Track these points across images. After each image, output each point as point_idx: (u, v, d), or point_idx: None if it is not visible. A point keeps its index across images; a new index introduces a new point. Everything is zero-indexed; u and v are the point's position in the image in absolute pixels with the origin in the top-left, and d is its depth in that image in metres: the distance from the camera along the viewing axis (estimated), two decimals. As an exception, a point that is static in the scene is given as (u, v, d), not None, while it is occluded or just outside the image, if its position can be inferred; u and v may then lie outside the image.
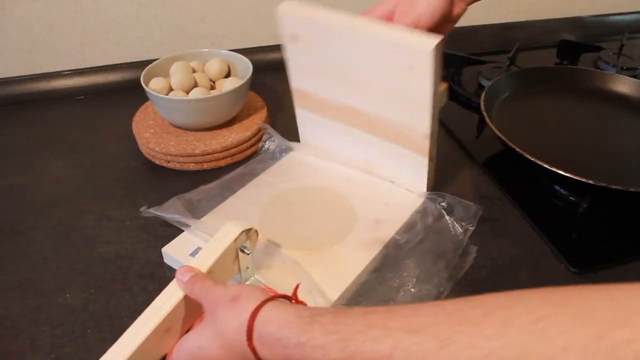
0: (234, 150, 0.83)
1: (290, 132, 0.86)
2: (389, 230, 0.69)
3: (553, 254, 0.70)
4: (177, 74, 0.85)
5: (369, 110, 0.72)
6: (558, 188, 0.78)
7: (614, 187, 0.68)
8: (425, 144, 0.70)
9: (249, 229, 0.60)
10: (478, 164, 0.85)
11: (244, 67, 0.87)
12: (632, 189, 0.68)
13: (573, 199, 0.77)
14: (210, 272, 0.57)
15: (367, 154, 0.78)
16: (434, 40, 0.61)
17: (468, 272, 0.67)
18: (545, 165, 0.71)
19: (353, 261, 0.65)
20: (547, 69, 0.98)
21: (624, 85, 0.95)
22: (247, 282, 0.62)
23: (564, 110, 0.93)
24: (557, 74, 0.97)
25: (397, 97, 0.68)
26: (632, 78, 0.95)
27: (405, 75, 0.65)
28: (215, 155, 0.82)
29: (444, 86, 0.72)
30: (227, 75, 0.90)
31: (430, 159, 0.73)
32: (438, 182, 0.79)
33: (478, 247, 0.70)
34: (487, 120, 0.79)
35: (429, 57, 0.61)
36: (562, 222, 0.75)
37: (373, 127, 0.74)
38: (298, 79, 0.78)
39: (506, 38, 1.21)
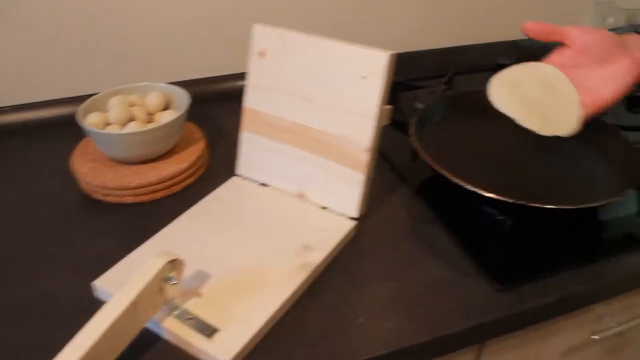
0: (170, 182, 0.84)
1: (230, 162, 0.88)
2: (318, 255, 0.71)
3: (479, 272, 0.72)
4: (115, 108, 0.86)
5: (316, 127, 0.77)
6: (487, 208, 0.81)
7: (531, 204, 0.71)
8: (364, 158, 0.74)
9: (174, 260, 0.61)
10: (412, 188, 0.87)
11: (183, 100, 0.89)
12: (547, 206, 0.71)
13: (501, 218, 0.80)
14: (135, 304, 0.57)
15: (304, 177, 0.80)
16: (388, 51, 0.71)
17: (394, 295, 0.69)
18: (467, 186, 0.73)
19: (281, 287, 0.66)
20: (476, 92, 1.00)
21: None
22: (175, 312, 0.63)
23: (493, 132, 0.95)
24: (487, 97, 1.00)
25: (346, 110, 0.74)
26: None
27: (357, 84, 0.73)
28: (151, 187, 0.83)
29: (388, 107, 0.75)
30: (168, 108, 0.92)
31: (367, 179, 0.76)
32: (371, 205, 0.82)
33: (410, 269, 0.73)
34: (415, 143, 0.82)
35: (382, 66, 0.71)
36: (489, 241, 0.77)
37: (316, 145, 0.78)
38: (253, 98, 0.82)
39: (445, 63, 1.25)
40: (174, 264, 0.61)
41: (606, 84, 0.80)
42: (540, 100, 0.85)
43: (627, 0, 1.31)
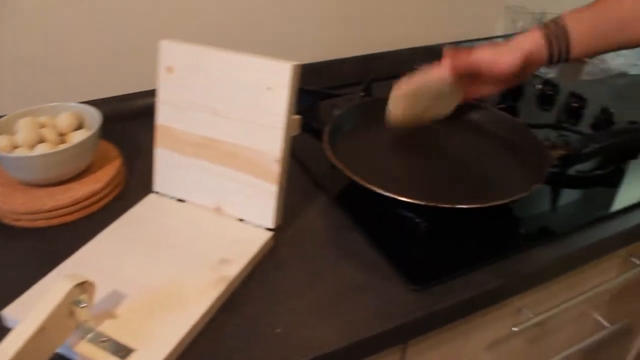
0: (85, 202, 0.83)
1: (148, 179, 0.87)
2: (234, 268, 0.71)
3: (396, 275, 0.73)
4: (22, 131, 0.84)
5: (227, 140, 0.78)
6: (403, 212, 0.82)
7: (442, 205, 0.73)
8: (275, 169, 0.75)
9: (83, 282, 0.60)
10: (331, 196, 0.88)
11: (95, 119, 0.87)
12: (458, 206, 0.73)
13: (418, 220, 0.81)
14: (42, 330, 0.56)
15: (219, 191, 0.80)
16: (292, 62, 0.71)
17: (312, 303, 0.69)
18: (379, 190, 0.75)
19: (197, 303, 0.66)
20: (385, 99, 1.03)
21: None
22: (89, 336, 0.62)
23: (408, 136, 0.97)
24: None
25: (254, 121, 0.75)
26: (470, 101, 1.02)
27: (264, 96, 0.74)
28: (65, 209, 0.81)
29: (296, 117, 0.76)
30: (81, 128, 0.90)
31: (279, 189, 0.76)
32: (289, 215, 0.82)
33: (329, 276, 0.73)
34: (328, 151, 0.83)
35: (286, 77, 0.71)
36: (406, 244, 0.79)
37: (228, 158, 0.78)
38: (165, 115, 0.82)
39: (365, 70, 1.27)
40: (84, 286, 0.60)
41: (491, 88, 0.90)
42: (425, 105, 0.93)
43: (536, 4, 1.36)
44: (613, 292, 1.06)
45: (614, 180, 0.96)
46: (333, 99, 1.11)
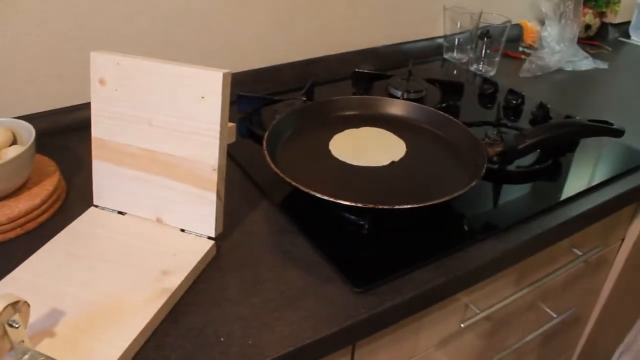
0: (22, 220, 0.81)
1: (88, 194, 0.85)
2: (176, 279, 0.70)
3: (339, 278, 0.74)
4: (-47, 149, 0.82)
5: (163, 150, 0.77)
6: (346, 215, 0.83)
7: (380, 207, 0.73)
8: (213, 177, 0.74)
9: (17, 302, 0.58)
10: (274, 202, 0.88)
11: (28, 133, 0.86)
12: (396, 207, 0.74)
13: (361, 223, 0.81)
14: (-27, 353, 0.55)
15: (159, 202, 0.79)
16: (223, 70, 0.71)
17: (256, 310, 0.69)
18: (317, 194, 0.75)
19: (138, 316, 0.65)
20: (328, 102, 1.03)
21: (397, 107, 1.04)
22: (25, 357, 0.60)
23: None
24: (333, 106, 1.04)
25: (190, 131, 0.74)
26: (409, 102, 1.04)
27: (197, 106, 0.73)
28: (2, 227, 0.79)
29: (232, 125, 0.76)
30: (16, 144, 0.88)
31: (219, 197, 0.76)
32: (232, 222, 0.82)
33: (272, 282, 0.73)
34: (266, 157, 0.83)
35: (218, 85, 0.71)
36: (350, 247, 0.79)
37: (166, 169, 0.77)
38: (99, 127, 0.81)
39: (307, 74, 1.27)
40: (17, 306, 0.59)
41: None
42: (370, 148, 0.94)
43: (474, 4, 1.39)
44: (558, 282, 1.08)
45: (553, 174, 0.98)
46: (275, 105, 1.11)
